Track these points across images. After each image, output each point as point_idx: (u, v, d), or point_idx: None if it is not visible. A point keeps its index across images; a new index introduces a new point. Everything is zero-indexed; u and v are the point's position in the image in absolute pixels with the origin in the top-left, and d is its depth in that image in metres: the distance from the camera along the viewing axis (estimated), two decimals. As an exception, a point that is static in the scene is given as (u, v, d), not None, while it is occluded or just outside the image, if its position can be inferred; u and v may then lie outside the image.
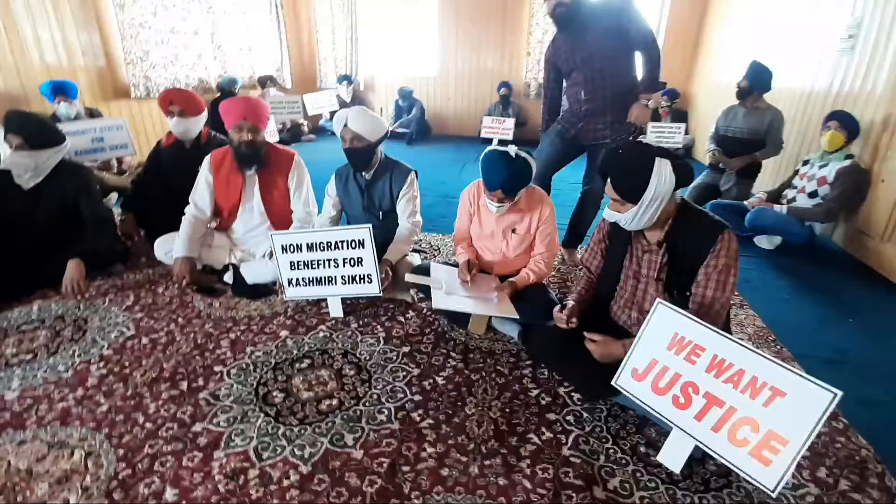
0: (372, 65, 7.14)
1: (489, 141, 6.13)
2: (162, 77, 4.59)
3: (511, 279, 1.97)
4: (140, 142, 4.39)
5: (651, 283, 1.51)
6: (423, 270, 2.02)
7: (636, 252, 1.55)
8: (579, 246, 2.78)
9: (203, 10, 5.07)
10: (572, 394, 1.61)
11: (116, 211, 2.81)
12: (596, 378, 1.50)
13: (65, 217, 2.19)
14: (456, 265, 2.11)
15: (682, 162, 1.37)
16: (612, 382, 1.37)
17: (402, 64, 7.11)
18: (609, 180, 1.42)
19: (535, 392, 1.62)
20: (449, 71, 6.77)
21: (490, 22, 6.41)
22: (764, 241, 3.04)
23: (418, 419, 1.48)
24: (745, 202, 3.23)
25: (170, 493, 1.20)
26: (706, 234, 1.38)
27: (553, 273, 2.54)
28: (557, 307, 1.65)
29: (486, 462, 1.33)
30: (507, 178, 1.80)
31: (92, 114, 3.56)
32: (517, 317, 1.80)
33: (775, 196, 3.19)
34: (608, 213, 1.48)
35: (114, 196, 3.31)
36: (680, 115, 5.86)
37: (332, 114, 6.62)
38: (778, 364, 1.10)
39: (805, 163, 3.07)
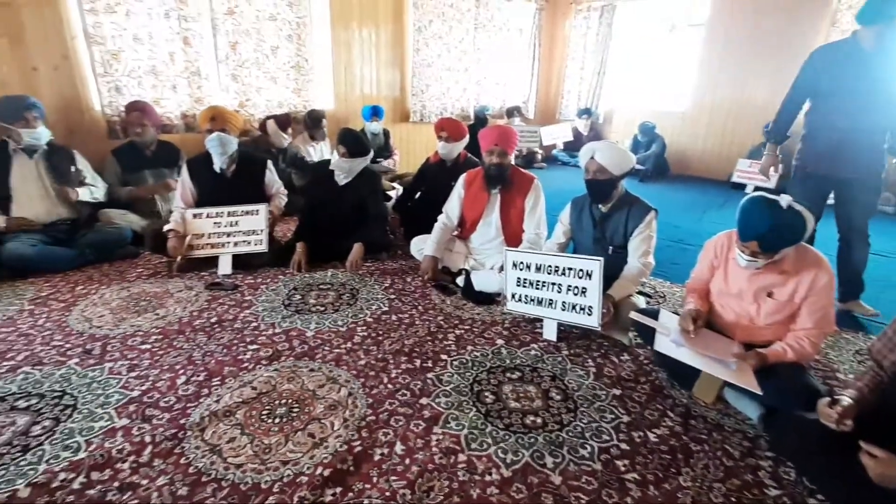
0: (614, 98, 7.06)
1: (741, 186, 5.34)
2: (435, 106, 5.52)
3: (760, 350, 1.68)
4: (410, 157, 5.39)
5: None
6: (650, 314, 1.90)
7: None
8: (861, 295, 2.43)
9: (473, 50, 5.90)
10: (830, 512, 1.28)
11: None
12: (869, 502, 1.16)
13: (358, 209, 2.86)
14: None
15: None
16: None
17: (647, 98, 6.81)
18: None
19: (774, 492, 1.35)
20: (703, 106, 6.15)
21: (767, 51, 5.56)
22: None
23: (623, 469, 1.40)
24: None
25: (399, 448, 1.45)
26: None
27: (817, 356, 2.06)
28: (825, 400, 1.34)
29: (700, 546, 1.17)
30: (769, 231, 1.54)
31: (385, 132, 4.56)
32: (759, 392, 1.53)
33: None
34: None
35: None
36: None
37: (566, 144, 6.83)
38: None
39: None
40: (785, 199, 1.57)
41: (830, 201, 2.47)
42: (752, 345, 1.73)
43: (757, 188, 5.00)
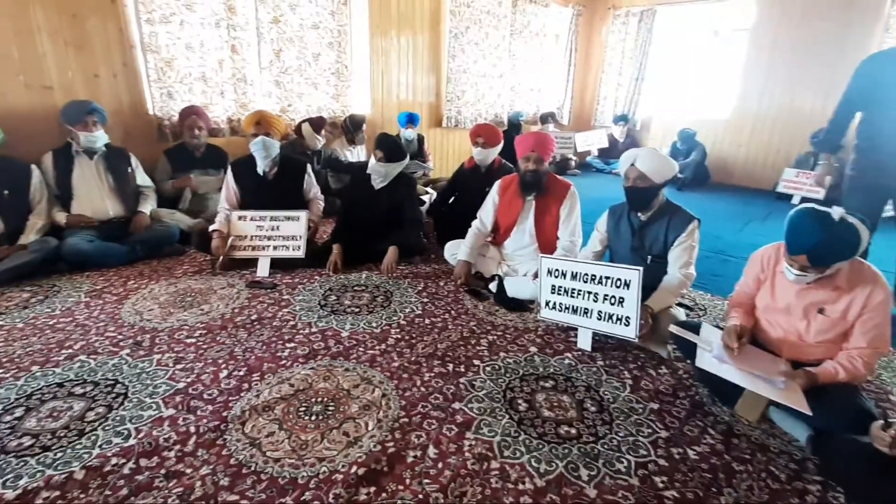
0: (652, 105, 6.91)
1: (787, 197, 5.14)
2: (470, 112, 5.55)
3: (809, 369, 1.60)
4: (443, 162, 5.45)
5: None
6: (691, 327, 1.84)
7: None
8: None
9: (508, 56, 5.90)
10: (888, 545, 1.21)
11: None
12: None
13: (393, 213, 2.91)
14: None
15: None
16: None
17: (688, 104, 6.63)
18: None
19: (824, 518, 1.28)
20: (747, 113, 5.93)
21: (816, 57, 5.32)
22: None
23: (661, 486, 1.36)
24: None
25: (431, 451, 1.45)
26: None
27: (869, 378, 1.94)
28: (878, 423, 1.27)
29: (743, 571, 1.13)
30: (818, 244, 1.47)
31: (419, 137, 4.61)
32: (809, 413, 1.46)
33: None
34: None
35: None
36: None
37: (600, 151, 6.72)
38: None
39: None
40: (837, 212, 1.50)
41: (888, 213, 2.38)
42: (799, 363, 1.65)
43: (804, 199, 4.81)
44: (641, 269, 1.90)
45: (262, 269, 2.70)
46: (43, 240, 2.60)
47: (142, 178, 3.05)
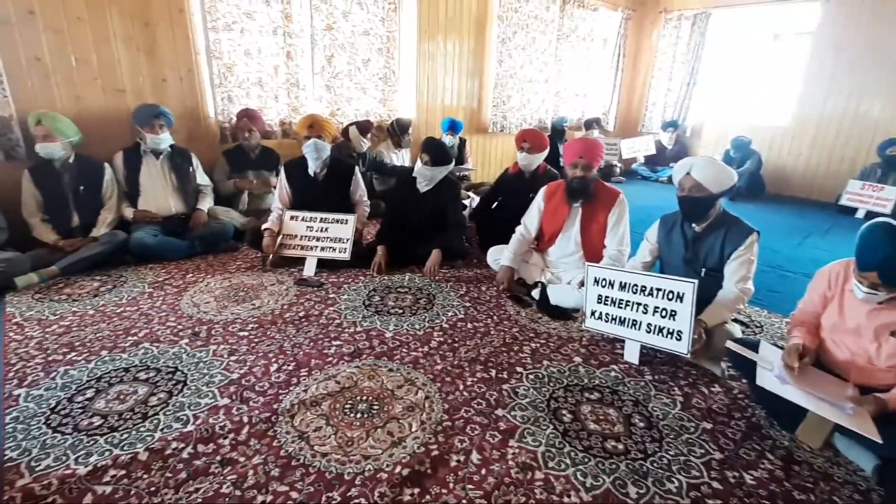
0: (703, 111, 6.65)
1: (850, 210, 4.83)
2: (515, 117, 5.52)
3: (880, 395, 1.49)
4: (485, 167, 5.46)
5: None
6: (749, 345, 1.76)
7: None
8: None
9: (554, 61, 5.84)
10: None
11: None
12: None
13: (437, 216, 2.93)
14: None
15: None
16: None
17: (742, 111, 6.34)
18: None
19: (898, 559, 1.19)
20: (808, 120, 5.61)
21: (886, 62, 4.97)
22: None
23: (715, 509, 1.31)
24: None
25: (475, 457, 1.45)
26: None
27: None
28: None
29: None
30: (889, 259, 1.38)
31: (462, 141, 4.64)
32: (880, 440, 1.36)
33: None
34: None
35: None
36: None
37: (647, 158, 6.53)
38: None
39: None
40: (912, 226, 1.40)
41: None
42: (868, 388, 1.55)
43: (870, 213, 4.49)
44: (696, 281, 1.83)
45: (309, 269, 2.78)
46: (112, 233, 2.79)
47: (201, 178, 3.21)
